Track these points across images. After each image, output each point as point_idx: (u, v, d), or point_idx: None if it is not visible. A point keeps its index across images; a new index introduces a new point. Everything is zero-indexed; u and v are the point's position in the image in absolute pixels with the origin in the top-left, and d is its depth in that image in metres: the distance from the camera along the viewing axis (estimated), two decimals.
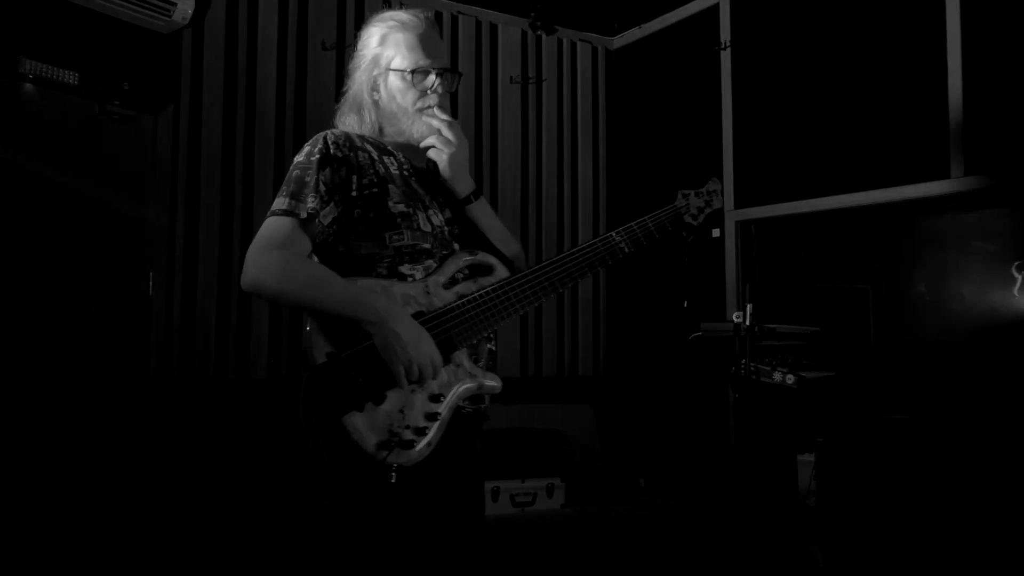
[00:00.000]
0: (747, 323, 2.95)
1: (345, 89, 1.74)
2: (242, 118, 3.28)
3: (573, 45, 4.21)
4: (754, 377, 2.94)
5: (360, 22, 1.78)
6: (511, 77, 4.00)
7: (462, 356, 1.58)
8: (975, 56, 2.95)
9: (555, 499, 3.17)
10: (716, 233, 3.69)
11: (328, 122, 1.76)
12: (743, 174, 3.67)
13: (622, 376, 4.14)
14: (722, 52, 3.75)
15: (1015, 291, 3.25)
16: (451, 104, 1.76)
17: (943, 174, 3.00)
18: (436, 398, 1.51)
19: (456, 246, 1.66)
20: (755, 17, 3.67)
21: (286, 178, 1.58)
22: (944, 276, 3.48)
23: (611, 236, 1.69)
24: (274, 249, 1.49)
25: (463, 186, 1.69)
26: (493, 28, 3.98)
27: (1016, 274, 3.26)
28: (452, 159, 1.66)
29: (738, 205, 3.67)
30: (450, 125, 1.66)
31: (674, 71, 4.04)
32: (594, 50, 4.28)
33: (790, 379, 2.91)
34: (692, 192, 1.88)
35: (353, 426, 1.43)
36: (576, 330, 4.09)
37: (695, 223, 1.85)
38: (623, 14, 4.12)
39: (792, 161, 3.50)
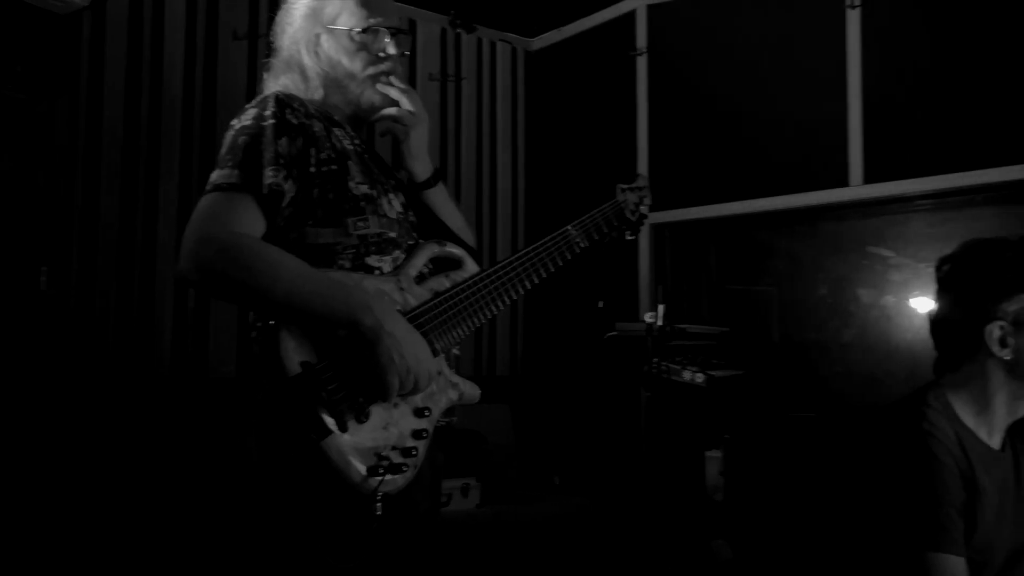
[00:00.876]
0: (659, 323, 3.02)
1: (273, 51, 1.46)
2: (146, 108, 3.13)
3: (493, 45, 4.21)
4: (665, 376, 3.01)
5: (275, 12, 1.53)
6: (430, 74, 3.97)
7: (442, 363, 1.35)
8: (874, 70, 3.11)
9: (471, 499, 3.17)
10: (630, 236, 3.76)
11: None
12: (657, 178, 3.75)
13: (539, 376, 4.17)
14: (638, 58, 3.82)
15: (905, 296, 3.45)
16: None
17: (843, 182, 3.16)
18: (421, 412, 1.29)
19: (416, 236, 1.44)
20: (669, 25, 3.76)
21: (227, 144, 1.29)
22: (843, 279, 3.66)
23: (568, 230, 1.57)
24: (224, 231, 1.20)
25: (424, 167, 1.48)
26: (411, 24, 3.94)
27: (907, 280, 3.45)
28: (415, 135, 1.45)
29: (652, 208, 3.75)
30: (411, 95, 1.44)
31: (592, 75, 4.09)
32: (514, 51, 4.29)
33: (699, 378, 2.99)
34: (628, 187, 1.87)
35: (337, 451, 1.16)
36: (494, 330, 4.10)
37: (633, 218, 1.84)
38: (542, 16, 4.15)
39: (704, 167, 3.61)
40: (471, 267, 1.45)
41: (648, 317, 3.06)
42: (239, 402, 1.28)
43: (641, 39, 3.83)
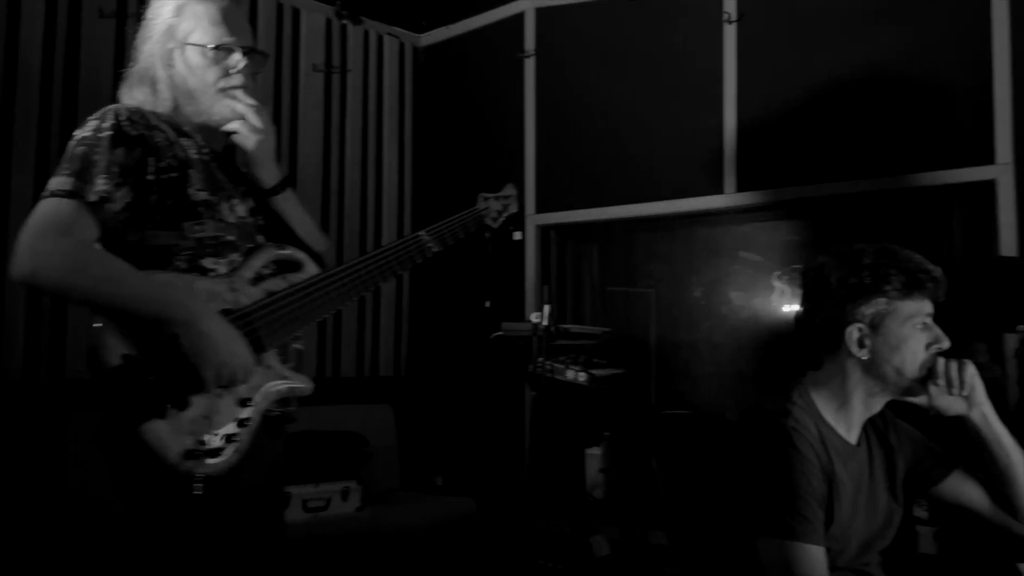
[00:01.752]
0: (545, 323, 3.06)
1: (132, 62, 1.53)
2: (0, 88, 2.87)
3: (380, 38, 4.14)
4: (549, 375, 3.05)
5: None
6: (314, 65, 3.85)
7: (271, 357, 1.46)
8: (748, 83, 3.27)
9: (350, 502, 3.09)
10: (518, 236, 3.80)
11: (106, 98, 1.57)
12: (544, 180, 3.81)
13: (423, 376, 4.13)
14: (526, 60, 3.86)
15: (773, 298, 3.64)
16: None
17: (718, 190, 3.30)
18: (245, 402, 1.39)
19: (261, 239, 1.53)
20: (558, 29, 3.81)
21: (67, 154, 1.38)
22: (717, 282, 3.83)
23: (420, 235, 1.66)
24: (57, 235, 1.30)
25: (270, 175, 1.57)
26: (296, 12, 3.81)
27: (775, 283, 3.64)
28: (260, 146, 1.53)
29: (539, 210, 3.80)
30: (257, 110, 1.52)
31: (481, 74, 4.10)
32: (401, 45, 4.23)
33: (582, 377, 3.05)
34: (492, 196, 1.93)
35: (155, 435, 1.28)
36: (377, 330, 4.03)
37: (494, 225, 1.90)
38: (431, 12, 4.12)
39: (589, 170, 3.68)
40: (311, 269, 1.55)
41: (534, 317, 3.09)
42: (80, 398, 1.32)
43: (530, 41, 3.87)
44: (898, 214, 3.20)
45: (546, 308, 3.08)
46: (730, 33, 3.30)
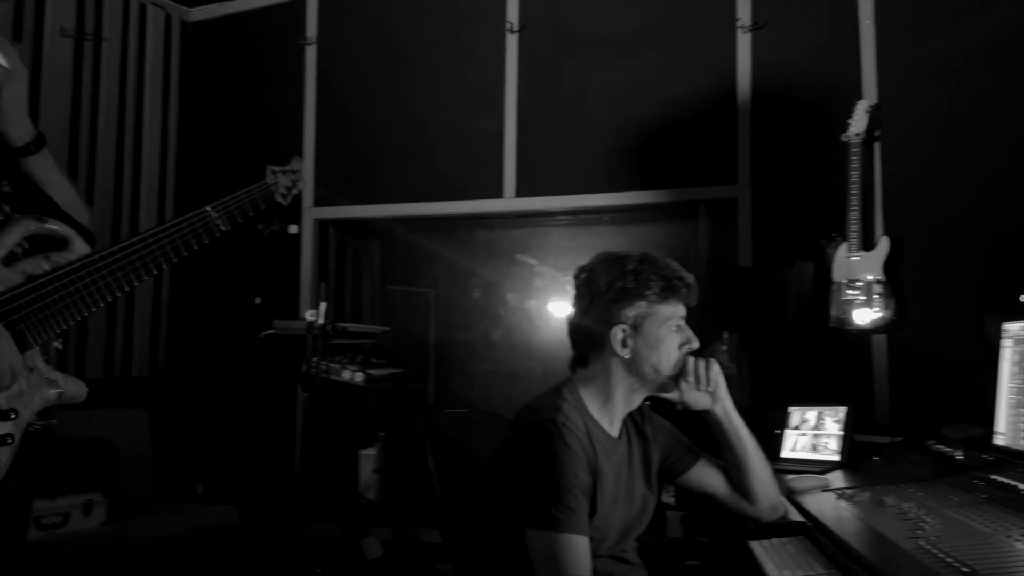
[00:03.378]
0: (320, 321, 2.96)
1: None
2: None
3: (143, 7, 3.77)
4: (324, 375, 2.96)
5: None
6: (62, 28, 3.42)
7: (35, 357, 1.20)
8: (527, 95, 3.39)
9: (94, 517, 2.78)
10: (294, 229, 3.63)
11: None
12: (324, 173, 3.68)
13: (183, 377, 3.81)
14: (307, 47, 3.71)
15: (546, 300, 3.81)
16: None
17: (498, 194, 3.39)
18: (6, 415, 1.14)
19: (7, 209, 1.26)
20: (342, 19, 3.71)
21: None
22: (495, 283, 3.94)
23: (206, 211, 1.44)
24: None
25: (22, 131, 1.30)
26: None
27: (547, 286, 3.82)
28: (10, 94, 1.26)
29: (317, 203, 3.67)
30: (3, 48, 1.25)
31: (258, 57, 3.88)
32: (168, 18, 3.89)
33: (359, 377, 2.99)
34: (280, 169, 1.78)
35: None
36: (131, 326, 3.65)
37: (284, 202, 1.75)
38: None
39: (372, 166, 3.61)
40: (80, 248, 1.27)
41: (309, 315, 2.97)
42: None
43: (311, 28, 3.72)
44: (660, 224, 3.50)
45: (322, 306, 2.98)
46: (512, 42, 3.41)
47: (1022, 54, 2.62)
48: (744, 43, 3.11)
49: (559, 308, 3.74)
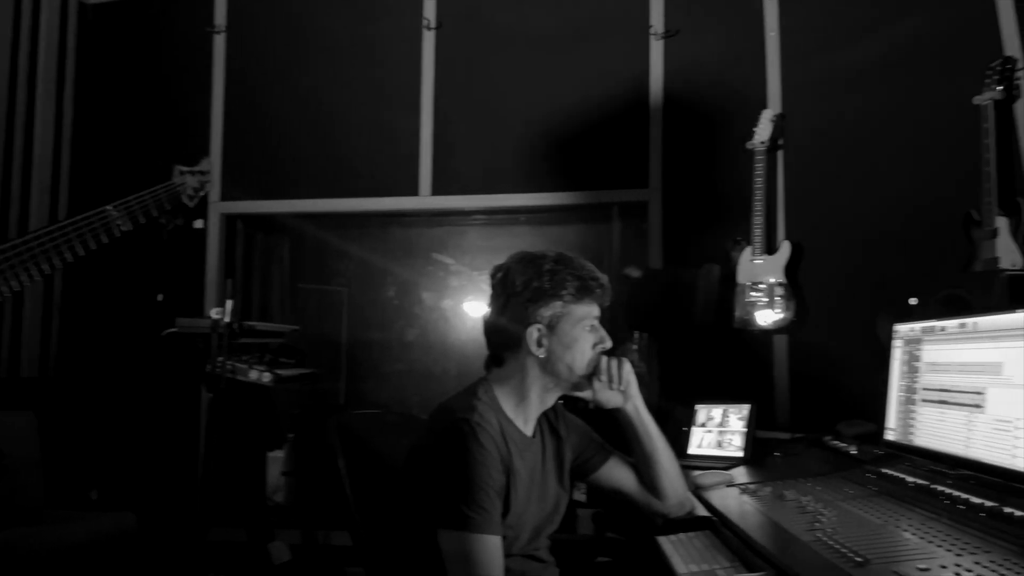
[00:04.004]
0: (226, 320, 2.86)
1: None
2: None
3: None
4: (230, 375, 2.86)
5: None
6: None
7: None
8: (443, 92, 3.37)
9: None
10: (199, 224, 3.48)
11: None
12: (232, 166, 3.55)
13: (77, 377, 3.61)
14: (215, 35, 3.58)
15: (462, 299, 3.81)
16: None
17: (414, 192, 3.36)
18: None
19: None
20: (253, 8, 3.59)
21: None
22: (410, 282, 3.90)
23: (107, 210, 1.38)
24: None
25: None
26: None
27: (463, 285, 3.81)
28: None
29: (224, 197, 3.53)
30: None
31: (163, 44, 3.71)
32: (64, 0, 3.67)
33: (266, 377, 2.90)
34: (188, 170, 1.71)
35: None
36: (19, 324, 3.42)
37: (190, 204, 1.69)
38: None
39: (283, 159, 3.51)
40: None
41: (215, 313, 2.86)
42: None
43: (220, 16, 3.59)
44: (575, 225, 3.55)
45: (229, 303, 2.88)
46: (429, 39, 3.38)
47: (910, 69, 2.78)
48: (657, 49, 3.18)
49: (475, 307, 3.74)
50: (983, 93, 2.34)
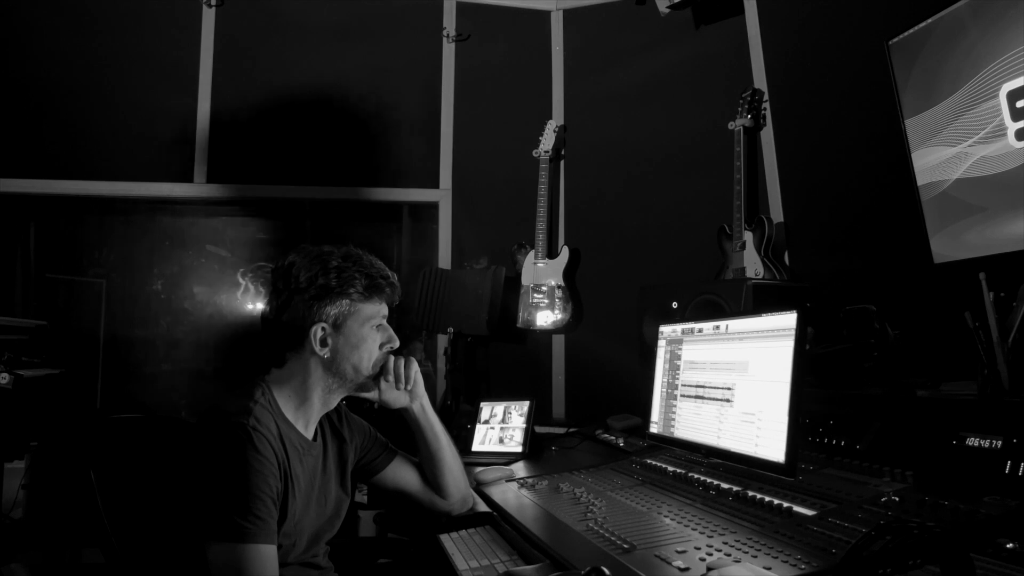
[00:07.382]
0: None
1: None
2: None
3: None
4: None
5: None
6: None
7: None
8: (224, 76, 3.16)
9: None
10: None
11: None
12: None
13: None
14: None
15: (239, 295, 3.59)
16: None
17: (187, 178, 3.11)
18: None
19: None
20: None
21: None
22: (180, 275, 3.61)
23: None
24: None
25: None
26: None
27: (241, 280, 3.60)
28: None
29: None
30: None
31: None
32: None
33: (4, 378, 2.58)
34: None
35: None
36: None
37: None
38: None
39: (26, 134, 3.10)
40: None
41: None
42: None
43: None
44: (363, 222, 3.48)
45: None
46: (209, 17, 3.16)
47: (674, 91, 3.04)
48: (449, 52, 3.22)
49: (253, 303, 3.55)
50: (736, 120, 2.61)
